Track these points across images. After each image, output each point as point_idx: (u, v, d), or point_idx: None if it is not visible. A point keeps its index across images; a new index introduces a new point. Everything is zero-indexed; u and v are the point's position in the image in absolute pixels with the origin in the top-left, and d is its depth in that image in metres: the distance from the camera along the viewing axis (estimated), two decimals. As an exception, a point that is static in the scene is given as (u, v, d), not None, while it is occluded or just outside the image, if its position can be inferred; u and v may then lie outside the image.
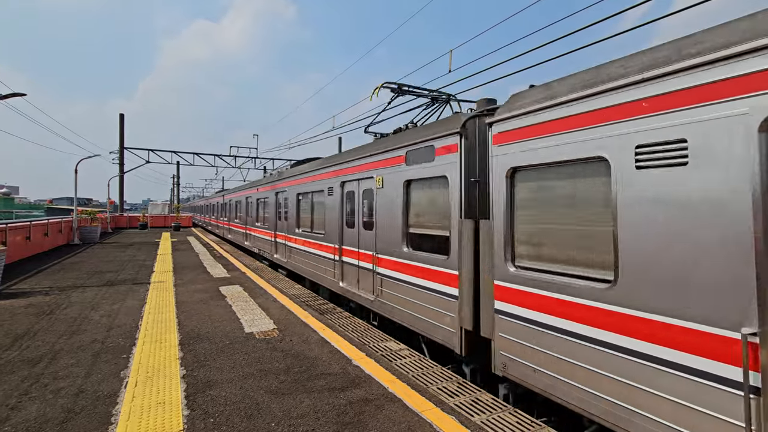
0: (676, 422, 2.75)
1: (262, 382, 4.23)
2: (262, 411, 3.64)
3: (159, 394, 3.96)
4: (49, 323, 6.26)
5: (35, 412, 3.57)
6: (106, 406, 3.70)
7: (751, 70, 2.46)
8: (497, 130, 4.33)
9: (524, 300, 3.95)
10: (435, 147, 5.35)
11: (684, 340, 2.71)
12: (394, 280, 6.23)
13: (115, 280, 10.05)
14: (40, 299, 7.84)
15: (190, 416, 3.53)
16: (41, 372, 4.44)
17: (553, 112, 3.72)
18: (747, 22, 2.59)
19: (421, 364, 5.00)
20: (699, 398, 2.64)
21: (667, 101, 2.87)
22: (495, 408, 3.91)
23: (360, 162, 7.47)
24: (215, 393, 3.98)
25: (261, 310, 7.21)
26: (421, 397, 3.94)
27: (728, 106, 2.54)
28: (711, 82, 2.64)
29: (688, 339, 2.69)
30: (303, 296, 8.57)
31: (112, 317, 6.63)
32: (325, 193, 9.09)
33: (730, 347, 2.50)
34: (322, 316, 6.98)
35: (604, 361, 3.20)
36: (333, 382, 4.26)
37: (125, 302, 7.67)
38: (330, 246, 8.69)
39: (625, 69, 3.19)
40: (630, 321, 3.04)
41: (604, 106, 3.28)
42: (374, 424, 3.43)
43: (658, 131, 2.91)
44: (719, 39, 2.67)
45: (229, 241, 22.52)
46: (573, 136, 3.52)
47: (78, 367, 4.58)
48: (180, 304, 7.54)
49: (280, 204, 13.21)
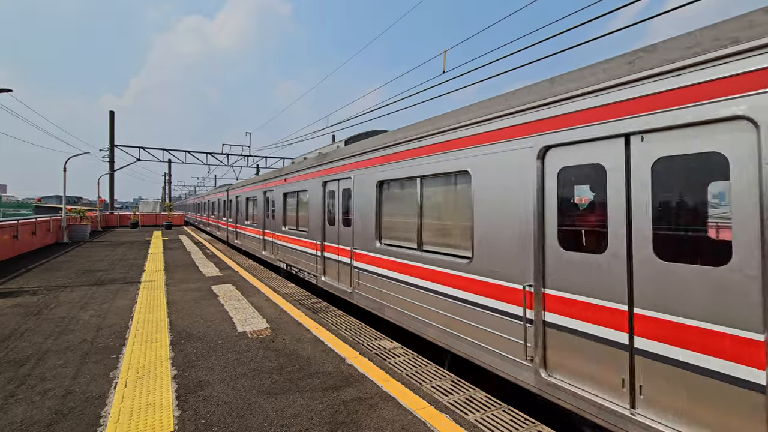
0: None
1: (255, 382, 4.18)
2: (254, 411, 3.59)
3: (149, 395, 3.89)
4: (36, 323, 6.14)
5: (21, 415, 3.49)
6: (94, 408, 3.63)
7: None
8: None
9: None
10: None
11: (497, 293, 4.36)
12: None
13: (104, 279, 9.90)
14: (28, 299, 7.70)
15: (181, 417, 3.48)
16: (28, 373, 4.35)
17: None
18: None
19: (415, 363, 4.98)
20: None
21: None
22: (489, 406, 3.90)
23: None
24: (207, 393, 3.92)
25: (254, 309, 7.15)
26: (415, 396, 3.93)
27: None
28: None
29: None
30: (296, 295, 8.52)
31: (101, 317, 6.53)
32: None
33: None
34: (315, 314, 6.94)
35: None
36: (326, 381, 4.23)
37: (115, 302, 7.56)
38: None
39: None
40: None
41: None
42: (368, 423, 3.40)
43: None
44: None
45: (238, 248, 18.22)
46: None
47: (66, 368, 4.49)
48: (171, 304, 7.45)
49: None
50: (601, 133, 3.38)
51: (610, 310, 3.30)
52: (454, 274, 5.00)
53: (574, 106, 3.62)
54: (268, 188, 13.55)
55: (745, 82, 2.61)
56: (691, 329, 2.82)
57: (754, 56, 2.58)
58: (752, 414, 2.52)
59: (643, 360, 3.08)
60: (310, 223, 9.70)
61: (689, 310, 2.83)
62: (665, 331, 2.96)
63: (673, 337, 2.91)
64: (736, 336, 2.61)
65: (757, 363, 2.51)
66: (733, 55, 2.66)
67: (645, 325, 3.07)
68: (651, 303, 3.04)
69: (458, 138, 4.98)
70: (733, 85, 2.66)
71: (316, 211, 9.34)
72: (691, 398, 2.82)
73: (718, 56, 2.72)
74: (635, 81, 3.17)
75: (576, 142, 3.59)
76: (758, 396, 2.50)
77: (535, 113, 3.95)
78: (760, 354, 2.50)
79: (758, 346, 2.50)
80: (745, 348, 2.57)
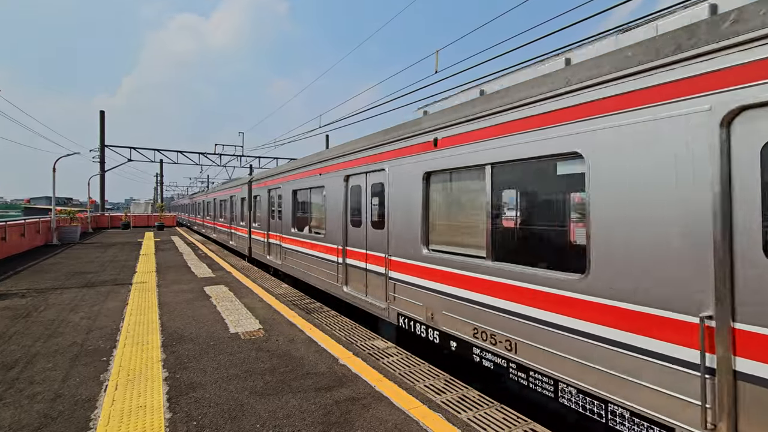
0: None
1: (247, 383, 4.16)
2: (246, 412, 3.58)
3: (140, 397, 3.86)
4: (25, 326, 6.06)
5: (9, 419, 3.44)
6: (84, 411, 3.59)
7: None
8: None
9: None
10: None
11: (638, 324, 3.05)
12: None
13: (95, 281, 9.79)
14: (16, 302, 7.59)
15: (172, 419, 3.45)
16: (16, 377, 4.29)
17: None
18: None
19: (408, 362, 4.99)
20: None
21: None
22: (482, 404, 3.92)
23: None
24: (198, 395, 3.90)
25: (246, 310, 7.11)
26: (408, 395, 3.93)
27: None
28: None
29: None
30: (289, 295, 8.49)
31: (91, 319, 6.45)
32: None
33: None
34: (308, 315, 6.92)
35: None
36: (319, 381, 4.22)
37: (106, 304, 7.48)
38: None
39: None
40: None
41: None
42: (361, 423, 3.40)
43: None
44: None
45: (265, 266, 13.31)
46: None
47: (55, 371, 4.43)
48: (163, 305, 7.38)
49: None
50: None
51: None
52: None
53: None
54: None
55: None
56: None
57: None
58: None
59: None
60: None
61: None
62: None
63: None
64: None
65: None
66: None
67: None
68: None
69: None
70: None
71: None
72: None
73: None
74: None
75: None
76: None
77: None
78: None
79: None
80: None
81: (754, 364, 2.49)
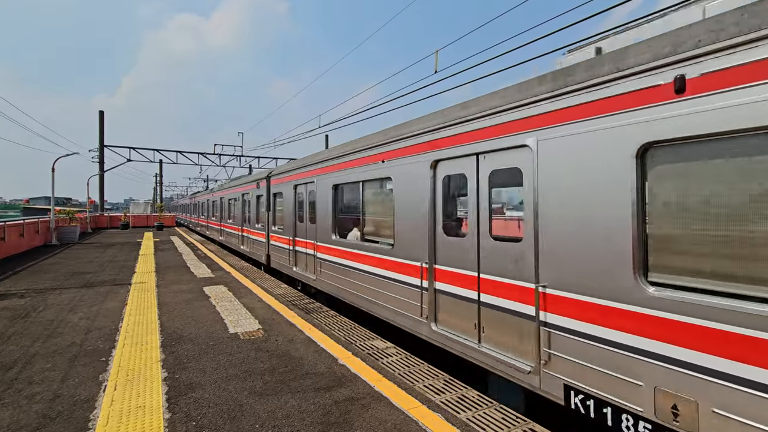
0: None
1: (247, 383, 4.16)
2: (246, 412, 3.58)
3: (139, 397, 3.86)
4: (24, 326, 6.05)
5: (8, 419, 3.44)
6: (83, 411, 3.59)
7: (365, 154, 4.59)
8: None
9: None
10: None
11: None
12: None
13: (94, 281, 9.78)
14: (15, 302, 7.58)
15: (171, 420, 3.45)
16: (15, 377, 4.29)
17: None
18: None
19: (407, 362, 4.99)
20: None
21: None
22: (481, 404, 3.92)
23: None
24: (198, 395, 3.89)
25: (246, 310, 7.11)
26: (407, 395, 3.93)
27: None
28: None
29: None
30: (289, 295, 8.49)
31: (90, 319, 6.45)
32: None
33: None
34: (308, 315, 6.92)
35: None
36: (319, 381, 4.22)
37: (105, 304, 7.47)
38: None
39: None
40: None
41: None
42: (360, 423, 3.40)
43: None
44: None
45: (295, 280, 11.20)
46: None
47: (54, 372, 4.43)
48: (162, 305, 7.38)
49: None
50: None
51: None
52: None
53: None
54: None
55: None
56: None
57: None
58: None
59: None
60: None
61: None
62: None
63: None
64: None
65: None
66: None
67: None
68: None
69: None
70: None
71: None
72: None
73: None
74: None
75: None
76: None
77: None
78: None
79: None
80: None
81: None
